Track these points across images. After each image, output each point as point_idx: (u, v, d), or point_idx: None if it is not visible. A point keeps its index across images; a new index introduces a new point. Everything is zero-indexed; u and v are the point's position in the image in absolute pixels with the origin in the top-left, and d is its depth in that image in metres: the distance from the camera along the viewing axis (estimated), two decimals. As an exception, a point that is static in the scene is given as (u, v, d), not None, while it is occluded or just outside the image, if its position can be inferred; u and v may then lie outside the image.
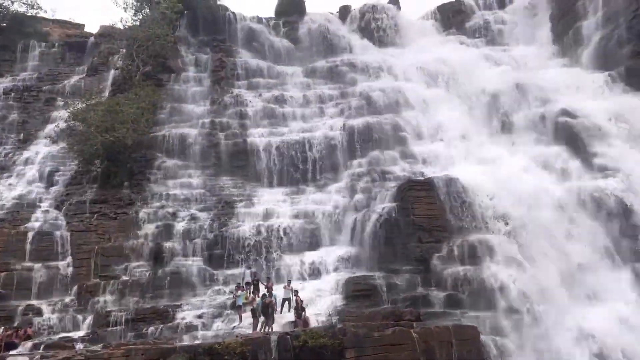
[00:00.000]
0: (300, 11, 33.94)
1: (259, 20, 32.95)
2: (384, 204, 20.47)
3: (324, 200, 23.27)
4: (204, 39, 30.82)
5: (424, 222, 19.18)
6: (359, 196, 22.34)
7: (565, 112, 23.90)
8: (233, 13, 31.41)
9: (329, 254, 20.58)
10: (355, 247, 20.45)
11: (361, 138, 25.12)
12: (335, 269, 19.88)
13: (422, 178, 21.39)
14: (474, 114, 25.83)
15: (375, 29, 34.57)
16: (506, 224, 19.44)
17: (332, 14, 36.70)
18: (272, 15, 35.00)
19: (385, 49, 33.29)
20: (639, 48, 24.68)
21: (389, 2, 37.46)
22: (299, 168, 25.18)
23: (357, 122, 25.10)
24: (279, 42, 32.04)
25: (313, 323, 15.82)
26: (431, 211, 19.49)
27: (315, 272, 20.15)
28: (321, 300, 17.97)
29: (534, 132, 24.33)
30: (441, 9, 38.25)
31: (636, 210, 18.95)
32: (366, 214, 20.52)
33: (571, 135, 23.33)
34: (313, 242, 21.51)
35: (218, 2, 32.11)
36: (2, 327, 16.57)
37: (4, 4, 32.44)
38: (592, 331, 15.21)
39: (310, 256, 20.72)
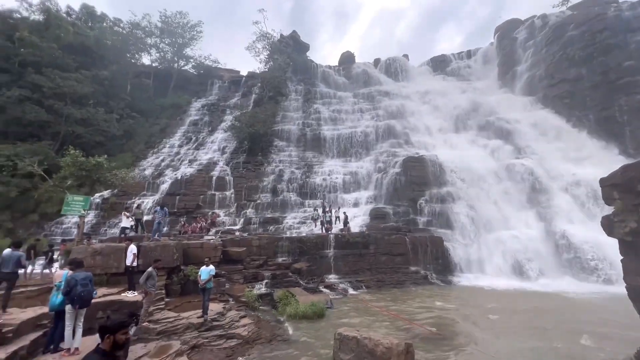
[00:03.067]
0: (352, 61, 43.37)
1: (329, 67, 42.90)
2: (394, 169, 27.46)
3: (361, 166, 30.46)
4: (300, 77, 40.33)
5: (416, 180, 25.68)
6: (380, 165, 29.50)
7: (503, 120, 30.55)
8: (316, 63, 41.51)
9: (362, 195, 27.31)
10: (377, 192, 27.05)
11: (383, 132, 32.55)
12: (366, 203, 26.23)
13: (416, 156, 27.62)
14: (448, 120, 33.56)
15: (393, 71, 42.65)
16: (463, 181, 25.79)
17: (370, 62, 44.79)
18: (337, 63, 44.47)
19: (399, 83, 41.17)
20: (551, 82, 31.01)
21: (403, 56, 45.52)
22: (347, 148, 32.63)
23: (382, 123, 33.40)
24: (340, 78, 41.86)
25: (353, 230, 21.05)
26: (420, 174, 25.83)
27: (355, 204, 26.55)
28: (357, 219, 24.09)
29: (483, 131, 31.17)
30: (432, 59, 45.36)
31: (538, 175, 24.50)
32: (384, 175, 27.53)
33: (505, 134, 29.82)
34: (354, 188, 28.37)
35: (308, 57, 42.76)
36: (203, 217, 23.96)
37: (204, 63, 46.63)
38: (505, 242, 20.34)
39: (353, 195, 27.55)
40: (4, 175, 26.24)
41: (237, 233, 21.84)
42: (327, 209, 23.42)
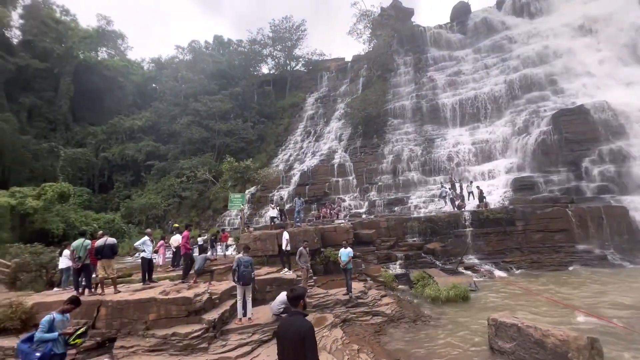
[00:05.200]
0: (467, 11, 37.39)
1: (439, 26, 38.09)
2: (540, 129, 23.21)
3: (493, 131, 26.50)
4: (407, 47, 37.74)
5: (574, 138, 21.06)
6: (519, 126, 25.00)
7: None
8: (423, 27, 38.03)
9: (499, 164, 24.04)
10: (518, 158, 23.22)
11: (519, 87, 27.26)
12: (506, 173, 23.01)
13: (573, 106, 22.41)
14: (619, 50, 25.08)
15: (525, 7, 34.30)
16: None
17: (491, 7, 37.63)
18: (448, 20, 39.21)
19: (535, 20, 33.06)
20: None
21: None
22: (473, 114, 28.86)
23: (515, 76, 27.90)
24: (453, 36, 36.81)
25: (491, 205, 18.86)
26: (581, 129, 20.99)
27: (490, 175, 23.75)
28: (496, 192, 21.51)
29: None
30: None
31: None
32: (526, 137, 23.42)
33: None
34: (486, 158, 25.24)
35: (414, 23, 39.38)
36: (331, 203, 25.43)
37: (312, 58, 50.37)
38: None
39: (486, 166, 24.64)
40: (189, 183, 35.25)
41: (364, 216, 22.58)
42: (456, 185, 21.93)
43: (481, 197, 19.61)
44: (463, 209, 19.08)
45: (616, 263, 14.51)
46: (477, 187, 20.65)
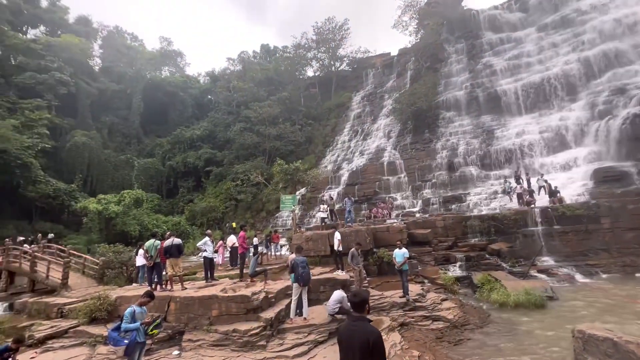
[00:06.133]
0: None
1: (495, 7, 35.18)
2: (627, 110, 19.88)
3: (566, 116, 23.48)
4: (458, 34, 35.61)
5: None
6: (599, 109, 21.81)
7: None
8: (476, 10, 35.26)
9: (575, 154, 21.30)
10: (599, 146, 20.30)
11: (597, 64, 23.95)
12: (584, 163, 20.30)
13: None
14: None
15: None
16: None
17: None
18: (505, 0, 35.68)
19: None
20: None
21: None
22: (540, 99, 26.04)
23: (592, 52, 24.50)
24: (513, 16, 33.42)
25: (568, 201, 16.71)
26: None
27: (565, 167, 21.12)
28: (573, 185, 19.01)
29: None
30: None
31: None
32: (610, 121, 20.25)
33: None
34: (559, 147, 22.51)
35: (465, 8, 36.88)
36: (383, 203, 24.76)
37: (356, 57, 50.24)
38: None
39: (559, 156, 22.03)
40: (244, 186, 37.22)
41: (418, 215, 21.77)
42: (522, 179, 20.05)
43: (553, 191, 17.56)
44: (532, 205, 17.19)
45: None
46: (545, 181, 18.62)
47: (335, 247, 12.13)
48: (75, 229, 33.36)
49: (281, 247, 18.91)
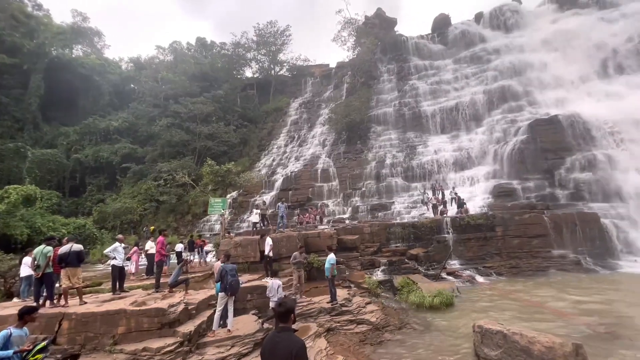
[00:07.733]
0: (447, 24, 38.66)
1: (421, 37, 39.23)
2: (517, 137, 23.89)
3: (473, 139, 27.16)
4: (390, 55, 38.56)
5: (549, 146, 21.81)
6: (497, 134, 25.96)
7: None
8: (405, 36, 38.83)
9: (478, 171, 24.61)
10: (497, 166, 23.85)
11: (496, 97, 28.19)
12: (485, 180, 23.52)
13: (547, 117, 23.18)
14: (590, 65, 26.30)
15: (502, 22, 35.58)
16: (621, 141, 20.82)
17: (469, 20, 38.79)
18: (429, 31, 40.35)
19: (510, 34, 34.27)
20: None
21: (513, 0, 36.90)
22: (454, 122, 29.54)
23: (493, 86, 28.92)
24: (435, 46, 37.86)
25: (472, 211, 19.24)
26: (555, 139, 21.75)
27: (471, 182, 24.13)
28: (476, 199, 21.87)
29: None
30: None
31: None
32: (504, 145, 24.12)
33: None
34: (467, 165, 25.73)
35: (397, 33, 40.10)
36: (314, 209, 27.13)
37: (296, 64, 50.23)
38: None
39: (467, 173, 25.11)
40: (167, 187, 33.95)
41: (347, 221, 22.34)
42: (437, 191, 22.25)
43: (461, 203, 19.92)
44: (445, 215, 19.22)
45: (590, 268, 14.95)
46: (455, 193, 21.00)
47: (266, 253, 11.77)
48: None
49: (207, 253, 17.62)
